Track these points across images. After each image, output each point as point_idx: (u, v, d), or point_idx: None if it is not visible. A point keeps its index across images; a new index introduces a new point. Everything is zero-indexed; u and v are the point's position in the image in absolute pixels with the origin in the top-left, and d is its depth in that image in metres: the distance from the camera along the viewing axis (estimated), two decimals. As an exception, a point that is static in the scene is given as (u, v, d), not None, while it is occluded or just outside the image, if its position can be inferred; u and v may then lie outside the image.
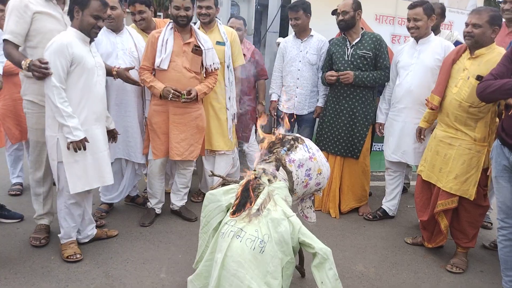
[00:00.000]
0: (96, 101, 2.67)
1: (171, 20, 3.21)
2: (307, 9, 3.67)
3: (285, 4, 4.58)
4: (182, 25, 3.13)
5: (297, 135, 2.47)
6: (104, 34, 3.17)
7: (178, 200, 3.49)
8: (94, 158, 2.66)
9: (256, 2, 5.73)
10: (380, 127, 3.54)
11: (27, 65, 2.45)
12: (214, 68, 3.30)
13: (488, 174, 2.59)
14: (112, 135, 2.98)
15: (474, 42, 2.58)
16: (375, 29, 4.61)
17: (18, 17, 2.61)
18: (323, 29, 4.01)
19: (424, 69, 3.10)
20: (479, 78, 2.51)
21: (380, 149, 4.53)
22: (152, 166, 3.33)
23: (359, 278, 2.67)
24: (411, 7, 3.18)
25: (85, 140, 2.54)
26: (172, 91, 3.06)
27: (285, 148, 2.30)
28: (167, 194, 3.62)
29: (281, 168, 2.26)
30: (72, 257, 2.72)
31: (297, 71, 3.75)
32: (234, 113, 3.74)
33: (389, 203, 3.59)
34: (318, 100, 3.85)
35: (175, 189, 3.49)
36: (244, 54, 3.85)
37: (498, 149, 2.32)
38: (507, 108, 2.23)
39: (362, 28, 3.58)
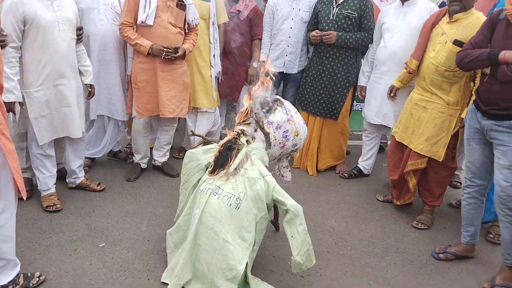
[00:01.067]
0: (58, 57, 2.64)
1: None
2: None
3: None
4: None
5: (277, 97, 2.52)
6: None
7: (161, 156, 3.56)
8: (60, 112, 2.74)
9: None
10: (361, 90, 3.60)
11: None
12: (195, 23, 3.28)
13: (457, 136, 2.72)
14: (89, 90, 2.99)
15: (463, 6, 2.59)
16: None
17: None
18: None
19: (409, 31, 3.08)
20: (456, 42, 2.56)
21: (361, 109, 4.62)
22: (136, 124, 3.36)
23: (330, 232, 2.84)
24: None
25: (13, 105, 2.50)
26: (165, 49, 3.03)
27: (264, 110, 2.36)
28: (151, 149, 3.68)
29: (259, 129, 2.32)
30: (51, 207, 2.83)
31: (289, 29, 3.70)
32: (219, 71, 3.74)
33: (365, 163, 3.73)
34: (309, 58, 3.86)
35: (157, 145, 3.55)
36: (239, 11, 3.79)
37: (472, 113, 2.41)
38: (483, 75, 2.30)
39: None
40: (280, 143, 2.40)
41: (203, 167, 2.35)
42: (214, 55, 3.62)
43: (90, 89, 2.99)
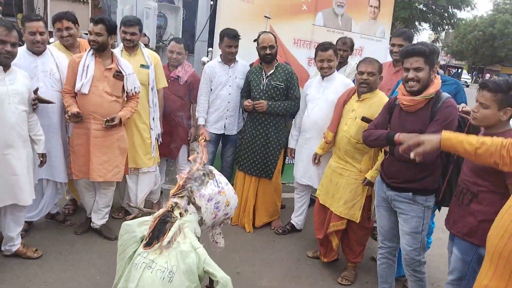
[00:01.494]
0: (7, 129, 2.78)
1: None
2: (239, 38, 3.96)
3: (214, 15, 4.76)
4: (98, 51, 3.26)
5: (210, 168, 2.74)
6: (23, 57, 3.20)
7: (99, 219, 3.62)
8: (7, 180, 2.84)
9: (183, 13, 5.91)
10: (291, 152, 3.93)
11: None
12: (135, 91, 3.49)
13: (370, 199, 3.08)
14: (40, 160, 3.12)
15: (370, 88, 3.02)
16: (293, 52, 5.04)
17: None
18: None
19: (328, 104, 3.46)
20: (363, 119, 2.97)
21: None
22: (78, 185, 3.53)
23: (262, 293, 3.04)
24: (324, 49, 3.47)
25: None
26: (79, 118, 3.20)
27: (196, 184, 2.57)
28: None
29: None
30: None
31: (227, 95, 4.01)
32: (158, 133, 3.94)
33: (297, 218, 4.01)
34: (244, 119, 4.18)
35: (96, 208, 3.62)
36: (178, 76, 4.06)
37: (378, 183, 2.78)
38: (386, 153, 2.68)
39: (276, 60, 3.90)
40: (212, 213, 2.60)
41: (138, 239, 2.48)
42: (153, 118, 3.84)
43: (41, 158, 3.14)
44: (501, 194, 2.02)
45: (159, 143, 3.98)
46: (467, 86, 31.27)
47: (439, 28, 25.82)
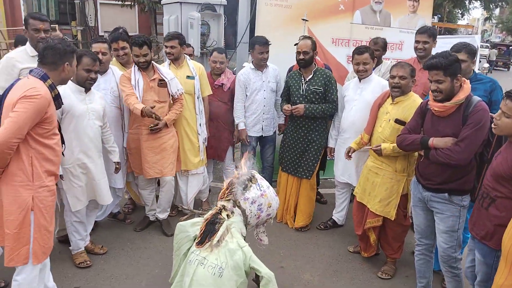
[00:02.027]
0: (86, 141, 3.23)
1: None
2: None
3: (254, 20, 4.99)
4: (143, 68, 3.65)
5: (253, 173, 2.99)
6: None
7: (160, 212, 4.03)
8: (90, 184, 3.32)
9: (225, 19, 6.17)
10: (331, 151, 4.10)
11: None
12: (179, 93, 3.84)
13: (407, 198, 3.19)
14: (116, 167, 3.61)
15: (402, 91, 3.12)
16: (332, 51, 5.16)
17: (6, 74, 3.04)
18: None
19: (365, 105, 3.59)
20: (397, 121, 3.08)
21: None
22: (140, 180, 3.95)
23: (305, 286, 3.26)
24: (360, 52, 3.62)
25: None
26: (154, 113, 3.55)
27: (240, 188, 2.82)
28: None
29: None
30: (83, 263, 3.40)
31: (263, 100, 4.25)
32: (205, 137, 4.26)
33: (338, 214, 4.19)
34: (279, 118, 4.41)
35: (158, 203, 4.03)
36: (222, 84, 4.36)
37: (414, 184, 2.90)
38: (421, 155, 2.79)
39: (315, 64, 4.02)
40: (255, 215, 2.85)
41: (192, 238, 2.79)
42: (200, 124, 4.16)
43: (117, 166, 3.60)
44: None
45: (205, 146, 4.30)
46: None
47: (491, 5, 24.41)
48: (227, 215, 2.76)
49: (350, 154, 3.62)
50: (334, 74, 4.91)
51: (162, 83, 3.72)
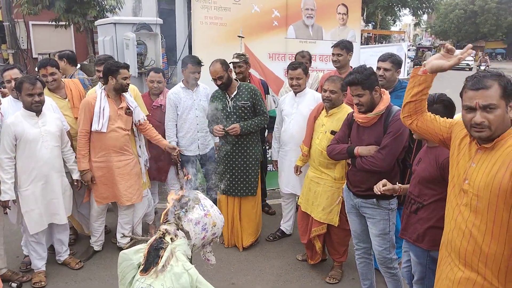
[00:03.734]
0: (41, 163, 3.33)
1: (103, 88, 3.71)
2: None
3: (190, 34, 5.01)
4: (123, 92, 3.72)
5: (196, 193, 2.98)
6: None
7: (123, 237, 3.95)
8: (47, 203, 3.42)
9: (162, 38, 6.15)
10: (275, 164, 4.19)
11: None
12: (144, 119, 3.90)
13: None
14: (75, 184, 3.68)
15: (332, 104, 3.28)
16: (269, 65, 5.30)
17: None
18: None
19: (302, 118, 3.71)
20: (333, 133, 3.23)
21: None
22: (92, 211, 3.88)
23: (256, 300, 3.29)
24: (293, 68, 3.74)
25: (7, 202, 3.24)
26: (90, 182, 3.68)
27: (183, 210, 2.82)
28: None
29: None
30: (37, 283, 3.44)
31: (195, 118, 4.24)
32: (146, 159, 4.19)
33: (286, 224, 4.28)
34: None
35: (119, 228, 3.98)
36: (161, 104, 4.33)
37: (346, 192, 3.04)
38: (349, 164, 2.94)
39: (237, 80, 4.01)
40: (200, 235, 2.84)
41: (136, 266, 2.72)
42: (139, 146, 4.10)
43: (76, 183, 3.67)
44: (444, 201, 2.18)
45: (147, 168, 4.23)
46: (470, 69, 29.17)
47: (419, 12, 26.13)
48: (171, 239, 2.74)
49: (298, 173, 3.72)
50: (272, 87, 5.10)
51: (129, 112, 3.74)
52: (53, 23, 10.46)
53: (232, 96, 3.88)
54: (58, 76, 3.83)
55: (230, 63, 4.09)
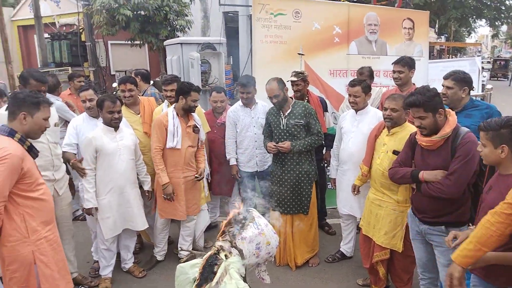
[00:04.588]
0: (118, 175, 3.59)
1: (173, 107, 3.88)
2: (255, 84, 4.26)
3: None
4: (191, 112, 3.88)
5: (250, 211, 3.00)
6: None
7: (187, 246, 4.10)
8: (124, 212, 3.67)
9: (228, 56, 6.35)
10: (334, 182, 4.07)
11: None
12: (202, 140, 4.05)
13: None
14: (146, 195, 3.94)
15: (393, 123, 3.14)
16: (330, 82, 5.23)
17: None
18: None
19: (362, 136, 3.58)
20: (395, 152, 3.07)
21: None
22: (157, 223, 4.05)
23: (311, 323, 3.19)
24: (352, 85, 3.67)
25: (91, 210, 3.53)
26: (171, 195, 3.80)
27: (237, 228, 2.83)
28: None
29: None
30: None
31: (254, 135, 4.30)
32: (207, 173, 4.32)
33: (346, 246, 4.13)
34: None
35: (181, 239, 4.12)
36: (224, 122, 4.46)
37: (411, 217, 2.86)
38: (413, 188, 2.77)
39: (292, 98, 3.99)
40: (254, 254, 2.83)
41: (191, 280, 2.78)
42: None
43: (147, 194, 3.92)
44: None
45: (209, 183, 4.35)
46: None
47: (497, 23, 24.43)
48: (226, 256, 2.76)
49: (356, 192, 3.61)
50: (333, 104, 5.02)
51: (197, 130, 3.90)
52: (129, 42, 11.20)
53: (286, 114, 3.86)
54: (135, 92, 4.12)
55: (288, 81, 4.10)
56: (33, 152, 2.57)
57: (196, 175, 3.90)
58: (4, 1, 15.03)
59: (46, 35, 13.51)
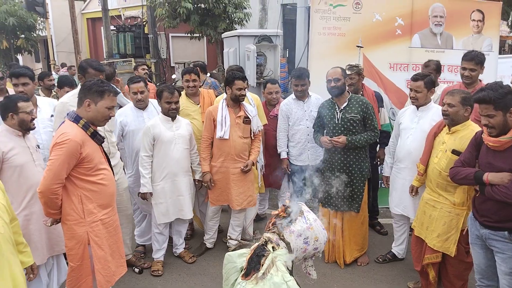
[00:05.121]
0: (173, 162, 3.73)
1: (224, 98, 3.96)
2: (309, 76, 4.19)
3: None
4: (242, 101, 3.91)
5: (299, 205, 2.98)
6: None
7: (236, 236, 4.21)
8: (175, 200, 3.80)
9: (284, 48, 6.32)
10: (386, 180, 3.93)
11: None
12: (259, 130, 4.06)
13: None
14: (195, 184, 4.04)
15: (451, 120, 2.97)
16: (390, 76, 5.03)
17: (61, 118, 3.17)
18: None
19: (422, 134, 3.40)
20: (454, 152, 2.90)
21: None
22: (208, 211, 4.18)
23: (358, 323, 3.13)
24: (414, 79, 3.51)
25: (145, 194, 3.71)
26: (208, 183, 3.93)
27: (286, 221, 2.83)
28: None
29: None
30: (155, 271, 3.83)
31: (306, 129, 4.25)
32: (262, 165, 4.37)
33: (398, 248, 3.98)
34: None
35: (231, 229, 4.22)
36: (277, 114, 4.48)
37: (471, 221, 2.70)
38: (476, 190, 2.60)
39: (349, 92, 3.87)
40: (301, 248, 2.82)
41: (238, 269, 2.83)
42: None
43: (197, 183, 4.02)
44: None
45: (263, 173, 4.41)
46: None
47: None
48: (273, 247, 2.77)
49: (414, 194, 3.46)
50: (392, 99, 4.85)
51: (247, 120, 3.93)
52: (189, 35, 11.50)
53: (342, 107, 3.75)
54: (197, 83, 4.25)
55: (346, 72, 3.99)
56: (97, 138, 2.72)
57: (242, 167, 3.92)
58: (76, -5, 15.99)
59: (112, 27, 14.22)
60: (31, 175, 2.87)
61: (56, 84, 5.41)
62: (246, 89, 3.91)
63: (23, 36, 17.40)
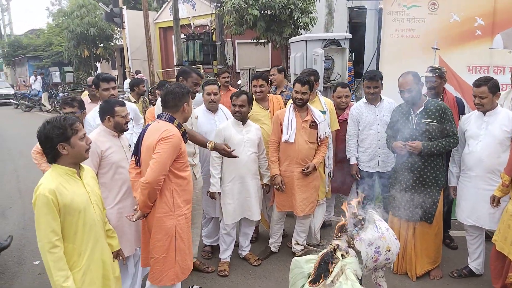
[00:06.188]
0: (241, 165, 3.80)
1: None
2: (382, 78, 4.05)
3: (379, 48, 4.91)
4: (299, 106, 3.86)
5: (370, 213, 2.89)
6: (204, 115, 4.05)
7: (301, 241, 4.13)
8: (243, 201, 3.87)
9: (350, 52, 6.19)
10: (454, 190, 3.70)
11: (212, 146, 3.47)
12: (326, 136, 4.00)
13: None
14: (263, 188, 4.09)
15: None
16: (468, 79, 4.73)
17: None
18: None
19: (493, 139, 3.25)
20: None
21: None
22: (273, 215, 4.21)
23: None
24: (477, 85, 3.32)
25: (214, 194, 3.81)
26: (280, 186, 3.91)
27: (356, 229, 2.75)
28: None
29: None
30: (222, 272, 3.90)
31: (377, 134, 4.11)
32: (331, 170, 4.33)
33: (475, 263, 3.69)
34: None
35: (295, 234, 4.22)
36: (346, 119, 4.40)
37: None
38: None
39: (425, 96, 3.68)
40: (372, 257, 2.73)
41: (306, 275, 2.80)
42: (328, 157, 4.26)
43: (264, 187, 4.08)
44: None
45: (331, 179, 4.38)
46: None
47: None
48: (342, 255, 2.71)
49: (495, 204, 3.22)
50: (470, 103, 4.54)
51: (314, 125, 3.90)
52: (254, 41, 11.69)
53: (418, 112, 3.56)
54: (265, 88, 4.33)
55: (422, 76, 3.81)
56: (184, 137, 2.95)
57: (303, 169, 3.87)
58: (150, 6, 16.95)
59: (182, 36, 14.87)
60: (125, 172, 3.13)
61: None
62: (303, 93, 3.78)
63: (101, 45, 18.79)
